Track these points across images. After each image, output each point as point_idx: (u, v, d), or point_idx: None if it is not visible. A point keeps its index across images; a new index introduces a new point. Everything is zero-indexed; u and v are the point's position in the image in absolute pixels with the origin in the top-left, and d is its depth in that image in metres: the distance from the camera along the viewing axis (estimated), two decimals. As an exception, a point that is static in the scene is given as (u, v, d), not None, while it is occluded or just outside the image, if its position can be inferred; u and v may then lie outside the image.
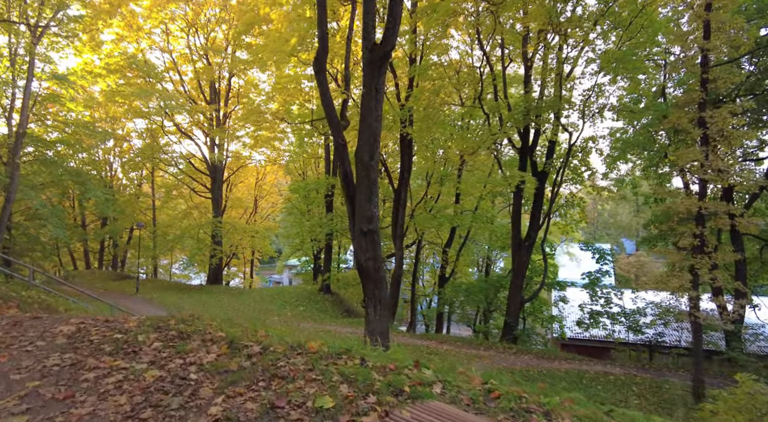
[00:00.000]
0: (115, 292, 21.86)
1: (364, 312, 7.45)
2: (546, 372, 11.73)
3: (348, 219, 7.49)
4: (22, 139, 15.94)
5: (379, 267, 7.25)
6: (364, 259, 7.16)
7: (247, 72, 24.55)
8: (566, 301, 17.20)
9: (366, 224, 7.06)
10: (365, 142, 6.99)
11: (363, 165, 7.01)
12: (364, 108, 6.98)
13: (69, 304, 7.13)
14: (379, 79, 6.97)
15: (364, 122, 7.01)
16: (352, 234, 7.32)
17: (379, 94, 6.99)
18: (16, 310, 5.10)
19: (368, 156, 6.98)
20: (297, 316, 16.95)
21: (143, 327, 3.69)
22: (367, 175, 7.02)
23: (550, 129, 15.89)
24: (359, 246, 7.17)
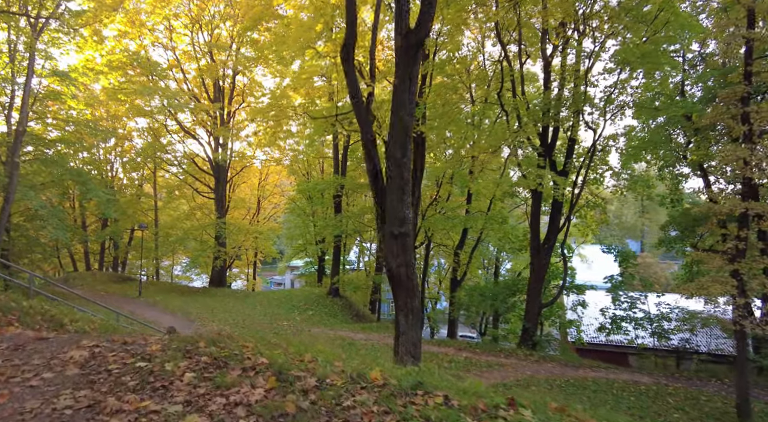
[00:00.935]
0: (117, 295, 21.24)
1: (395, 322, 6.87)
2: (573, 382, 11.16)
3: (376, 221, 6.93)
4: (22, 137, 15.36)
5: (412, 274, 6.69)
6: (395, 265, 6.60)
7: (253, 69, 23.97)
8: (585, 306, 16.64)
9: (398, 227, 6.50)
10: (397, 137, 6.43)
11: (395, 162, 6.45)
12: (395, 100, 6.42)
13: (73, 313, 6.55)
14: (413, 67, 6.41)
15: (395, 116, 6.44)
16: (381, 238, 6.75)
17: (413, 84, 6.43)
18: (18, 326, 4.51)
19: (400, 152, 6.42)
20: (306, 321, 16.37)
21: (169, 352, 3.10)
22: (399, 173, 6.45)
23: (570, 127, 15.37)
24: (390, 250, 6.60)
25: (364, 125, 6.67)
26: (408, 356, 6.64)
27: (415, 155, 16.98)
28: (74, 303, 12.64)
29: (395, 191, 6.50)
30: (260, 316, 16.83)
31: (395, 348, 6.81)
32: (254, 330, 13.79)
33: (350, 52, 6.61)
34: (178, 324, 15.21)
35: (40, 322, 5.16)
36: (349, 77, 6.63)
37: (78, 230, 27.32)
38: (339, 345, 12.31)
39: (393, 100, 6.50)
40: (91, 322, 6.61)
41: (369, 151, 6.70)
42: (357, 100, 6.66)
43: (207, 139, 25.72)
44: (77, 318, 6.33)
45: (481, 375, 11.35)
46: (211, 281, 25.97)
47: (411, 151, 6.50)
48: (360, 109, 6.65)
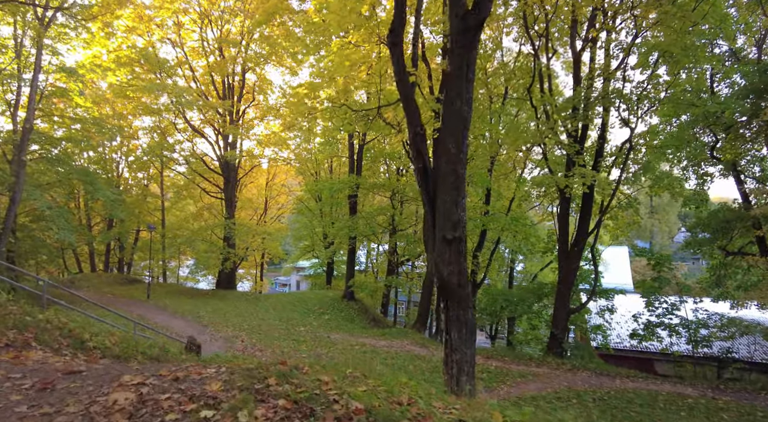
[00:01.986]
0: (125, 298, 20.63)
1: (445, 336, 6.22)
2: (614, 394, 10.48)
3: (424, 224, 6.29)
4: (29, 134, 14.76)
5: (465, 284, 6.03)
6: (446, 273, 5.94)
7: (263, 66, 23.36)
8: (613, 311, 15.97)
9: (451, 231, 5.85)
10: (452, 130, 5.78)
11: (449, 158, 5.80)
12: (450, 89, 5.77)
13: (90, 325, 5.93)
14: (471, 53, 5.76)
15: (450, 106, 5.80)
16: (430, 243, 6.09)
17: (471, 71, 5.77)
18: (36, 345, 3.86)
19: (455, 147, 5.77)
20: (323, 326, 15.73)
21: (236, 394, 2.45)
22: (453, 171, 5.81)
23: (601, 125, 14.73)
24: (441, 257, 5.95)
25: (413, 116, 6.02)
26: (463, 375, 5.99)
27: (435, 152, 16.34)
28: (86, 310, 12.03)
29: (448, 191, 5.85)
30: (275, 321, 16.20)
31: (446, 365, 6.16)
32: (273, 336, 13.16)
33: (399, 36, 5.97)
34: (191, 329, 14.59)
35: (59, 340, 4.53)
36: (397, 64, 5.99)
37: (84, 231, 26.73)
38: (360, 352, 11.68)
39: (446, 89, 5.86)
40: (111, 335, 5.98)
41: (418, 146, 6.05)
42: (405, 90, 6.02)
43: (215, 138, 25.14)
44: (96, 332, 5.70)
45: (517, 387, 10.70)
46: (220, 283, 25.35)
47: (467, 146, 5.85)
48: (410, 98, 6.01)
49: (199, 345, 8.12)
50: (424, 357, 12.15)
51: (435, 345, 14.20)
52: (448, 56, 5.85)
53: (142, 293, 22.42)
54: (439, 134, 5.92)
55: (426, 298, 16.32)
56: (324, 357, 10.71)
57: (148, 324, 14.17)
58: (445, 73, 5.78)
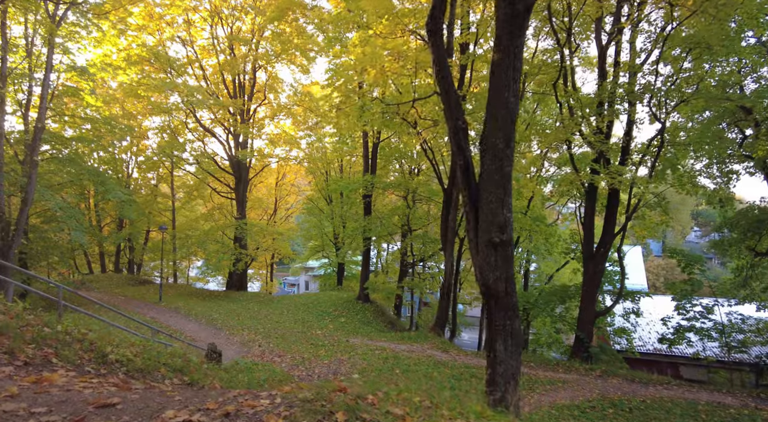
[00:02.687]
0: (137, 300, 20.41)
1: (489, 347, 5.77)
2: (651, 404, 9.96)
3: (467, 226, 5.81)
4: (40, 134, 14.52)
5: (513, 290, 5.57)
6: (492, 279, 5.48)
7: (274, 64, 23.02)
8: (639, 314, 15.39)
9: (497, 233, 5.39)
10: (500, 123, 5.32)
11: (495, 154, 5.34)
12: (497, 79, 5.31)
13: (109, 334, 5.55)
14: (519, 40, 5.29)
15: (497, 98, 5.34)
16: (475, 247, 5.64)
17: (518, 59, 5.31)
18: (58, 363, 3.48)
19: (503, 142, 5.31)
20: (340, 329, 15.33)
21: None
22: (499, 168, 5.35)
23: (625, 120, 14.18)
24: (486, 262, 5.49)
25: (454, 108, 5.57)
26: (509, 390, 5.53)
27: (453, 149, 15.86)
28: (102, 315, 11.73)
29: (494, 190, 5.39)
30: (290, 323, 15.83)
31: (490, 377, 5.71)
32: (290, 340, 12.78)
33: (439, 22, 5.53)
34: (205, 332, 14.27)
35: (80, 354, 4.15)
36: (437, 53, 5.54)
37: (95, 231, 26.59)
38: (381, 358, 11.25)
39: (492, 80, 5.40)
40: (132, 346, 5.61)
41: (459, 141, 5.60)
42: (445, 80, 5.57)
43: (225, 137, 24.87)
44: (116, 342, 5.33)
45: (547, 395, 10.22)
46: (231, 284, 25.06)
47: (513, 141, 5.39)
48: (450, 90, 5.56)
49: (219, 353, 7.76)
50: (447, 363, 11.70)
51: (455, 350, 13.75)
52: (495, 44, 5.39)
53: (153, 294, 22.20)
54: (484, 128, 5.46)
55: (445, 301, 15.86)
56: (346, 363, 10.30)
57: (162, 328, 13.87)
58: (492, 62, 5.32)
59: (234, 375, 7.20)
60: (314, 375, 9.15)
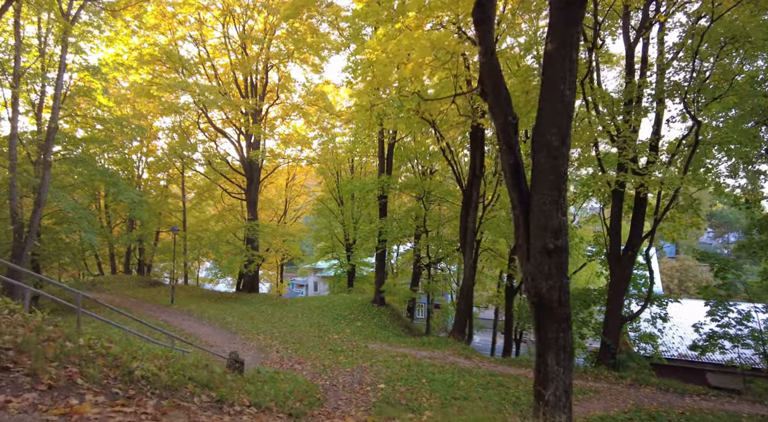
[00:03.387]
0: (149, 303, 20.19)
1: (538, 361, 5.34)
2: (690, 416, 9.44)
3: (516, 231, 5.38)
4: (54, 134, 14.30)
5: (566, 301, 5.13)
6: (545, 288, 5.05)
7: (287, 63, 22.71)
8: (667, 319, 14.84)
9: (551, 239, 4.96)
10: (554, 119, 4.89)
11: (549, 153, 4.92)
12: (552, 71, 4.88)
13: (131, 344, 5.20)
14: (575, 28, 4.87)
15: (551, 92, 4.91)
16: (525, 253, 5.20)
17: (574, 50, 4.89)
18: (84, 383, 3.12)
19: (558, 139, 4.88)
20: (357, 334, 14.93)
21: None
22: (554, 168, 4.92)
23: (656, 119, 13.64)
24: (538, 269, 5.06)
25: (503, 103, 5.14)
26: (560, 409, 5.10)
27: (474, 150, 15.48)
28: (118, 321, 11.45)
29: (548, 191, 4.96)
30: (306, 327, 15.46)
31: (539, 394, 5.27)
32: (307, 346, 12.40)
33: (487, 10, 5.09)
34: (220, 336, 13.95)
35: (106, 372, 3.78)
36: (484, 43, 5.11)
37: (106, 232, 26.46)
38: (404, 365, 10.82)
39: (546, 71, 4.97)
40: (156, 358, 5.25)
41: (509, 138, 5.16)
42: (494, 72, 5.15)
43: (236, 137, 24.62)
44: (138, 353, 4.97)
45: (580, 405, 9.74)
46: (243, 286, 24.79)
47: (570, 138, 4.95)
48: (499, 83, 5.14)
49: (242, 363, 7.39)
50: (471, 371, 11.25)
51: (478, 356, 13.30)
52: (548, 34, 4.96)
53: (164, 296, 21.96)
54: (537, 124, 5.04)
55: (464, 304, 15.40)
56: (368, 371, 9.90)
57: (176, 332, 13.56)
58: (546, 53, 4.89)
59: (259, 387, 6.82)
60: (338, 384, 8.76)
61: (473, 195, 15.36)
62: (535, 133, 5.03)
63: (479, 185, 15.43)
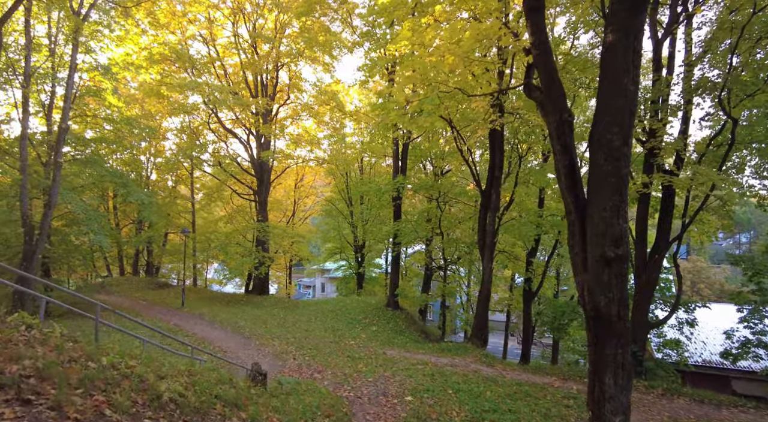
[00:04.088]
0: (159, 305, 19.93)
1: (589, 378, 4.92)
2: (731, 430, 8.97)
3: (570, 238, 4.97)
4: (64, 134, 14.04)
5: (626, 315, 4.71)
6: (604, 302, 4.63)
7: (298, 62, 22.38)
8: (694, 325, 14.33)
9: (612, 247, 4.53)
10: (615, 117, 4.47)
11: (610, 153, 4.49)
12: (613, 64, 4.47)
13: (153, 359, 4.84)
14: (639, 17, 4.44)
15: (613, 86, 4.49)
16: (581, 263, 4.79)
17: (639, 41, 4.47)
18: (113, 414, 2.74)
19: (620, 138, 4.46)
20: (373, 339, 14.55)
21: None
22: (615, 170, 4.49)
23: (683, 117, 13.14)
24: (597, 280, 4.64)
25: (557, 99, 4.73)
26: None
27: (493, 150, 15.05)
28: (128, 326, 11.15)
29: (608, 195, 4.54)
30: (320, 332, 15.09)
31: (595, 416, 4.85)
32: (324, 352, 12.02)
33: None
34: (233, 342, 13.61)
35: (133, 397, 3.43)
36: (537, 33, 4.70)
37: (115, 234, 26.27)
38: (427, 375, 10.39)
39: (606, 64, 4.55)
40: (180, 375, 4.89)
41: (564, 137, 4.75)
42: (548, 65, 4.74)
43: (246, 138, 24.34)
44: (162, 371, 4.62)
45: (614, 419, 9.27)
46: (253, 288, 24.47)
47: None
48: (552, 76, 4.73)
49: (264, 375, 7.03)
50: (496, 380, 10.82)
51: (500, 363, 12.86)
52: (608, 23, 4.54)
53: (174, 299, 21.70)
54: (595, 122, 4.62)
55: (482, 308, 14.97)
56: (391, 381, 9.50)
57: (189, 336, 13.25)
58: (605, 44, 4.47)
59: (284, 401, 6.46)
60: (363, 396, 8.37)
61: (492, 195, 14.92)
62: (594, 131, 4.62)
63: (499, 186, 15.00)
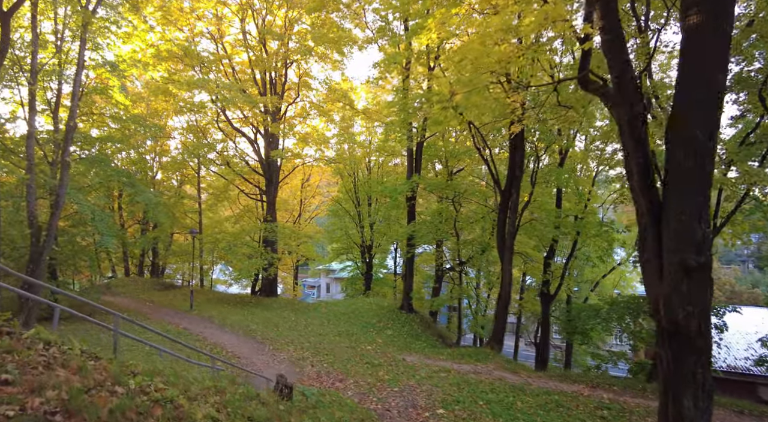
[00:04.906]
0: (166, 308, 19.51)
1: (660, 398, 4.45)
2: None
3: (641, 243, 4.49)
4: (72, 132, 13.62)
5: (708, 330, 4.24)
6: (682, 314, 4.15)
7: (308, 60, 21.94)
8: (724, 330, 13.79)
9: (693, 254, 4.05)
10: (700, 109, 4.00)
11: (693, 149, 4.01)
12: (697, 49, 3.99)
13: (177, 375, 4.38)
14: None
15: (697, 74, 4.01)
16: (657, 271, 4.31)
17: (729, 23, 3.98)
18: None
19: (705, 132, 3.98)
20: (389, 344, 14.09)
21: None
22: (699, 167, 4.01)
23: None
24: (676, 291, 4.16)
25: (629, 92, 4.26)
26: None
27: (513, 148, 14.56)
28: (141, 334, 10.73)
29: (690, 196, 4.06)
30: (335, 336, 14.64)
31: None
32: (342, 358, 11.57)
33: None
34: (246, 347, 13.16)
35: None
36: (609, 16, 4.22)
37: (122, 234, 25.89)
38: (453, 384, 9.92)
39: (688, 51, 4.07)
40: (208, 392, 4.46)
41: (638, 132, 4.27)
42: (619, 51, 4.27)
43: (254, 137, 23.90)
44: (193, 393, 4.16)
45: (654, 432, 8.81)
46: (262, 290, 24.04)
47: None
48: (625, 67, 4.26)
49: (291, 388, 6.57)
50: (523, 388, 10.36)
51: (524, 370, 12.38)
52: (688, 4, 4.05)
53: (181, 301, 21.30)
54: (673, 114, 4.14)
55: (502, 312, 14.49)
56: (418, 391, 9.04)
57: (199, 341, 12.82)
58: (688, 27, 3.99)
59: (314, 418, 6.01)
60: (392, 408, 7.91)
61: (513, 195, 14.45)
62: (672, 124, 4.14)
63: (519, 185, 14.52)
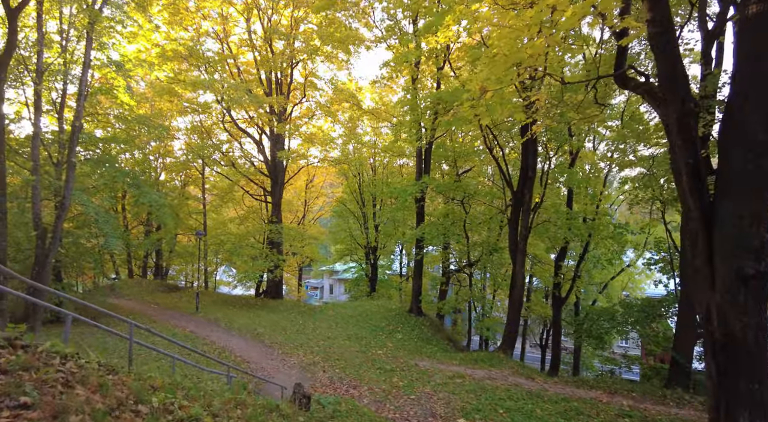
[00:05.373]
0: (171, 310, 19.29)
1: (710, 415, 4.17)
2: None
3: (691, 249, 4.23)
4: (78, 133, 13.41)
5: (765, 342, 3.97)
6: (738, 326, 3.89)
7: (315, 59, 21.71)
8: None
9: (751, 261, 3.79)
10: (758, 103, 3.73)
11: (751, 147, 3.75)
12: (755, 40, 3.73)
13: (198, 389, 4.13)
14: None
15: (754, 66, 3.75)
16: (708, 279, 4.05)
17: (790, 13, 3.71)
18: None
19: (764, 130, 3.72)
20: (400, 348, 13.83)
21: None
22: (757, 167, 3.74)
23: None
24: (731, 301, 3.89)
25: (679, 87, 4.00)
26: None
27: (526, 149, 14.30)
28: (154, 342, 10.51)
29: (746, 199, 3.80)
30: (344, 340, 14.38)
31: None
32: (353, 363, 11.31)
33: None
34: (255, 351, 12.91)
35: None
36: (658, 7, 3.96)
37: (126, 236, 25.69)
38: (470, 391, 9.65)
39: (744, 41, 3.80)
40: (230, 408, 4.20)
41: (687, 131, 4.01)
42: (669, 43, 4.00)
43: (259, 138, 23.68)
44: (215, 408, 3.92)
45: (679, 442, 8.52)
46: (267, 291, 23.80)
47: None
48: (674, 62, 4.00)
49: (309, 397, 6.32)
50: (541, 395, 10.08)
51: (539, 375, 12.11)
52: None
53: (186, 303, 21.09)
54: (727, 111, 3.88)
55: (514, 316, 14.22)
56: (435, 398, 8.77)
57: (207, 345, 12.57)
58: (749, 16, 3.73)
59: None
60: (410, 417, 7.65)
61: (525, 196, 14.18)
62: (727, 122, 3.87)
63: (532, 186, 14.24)
